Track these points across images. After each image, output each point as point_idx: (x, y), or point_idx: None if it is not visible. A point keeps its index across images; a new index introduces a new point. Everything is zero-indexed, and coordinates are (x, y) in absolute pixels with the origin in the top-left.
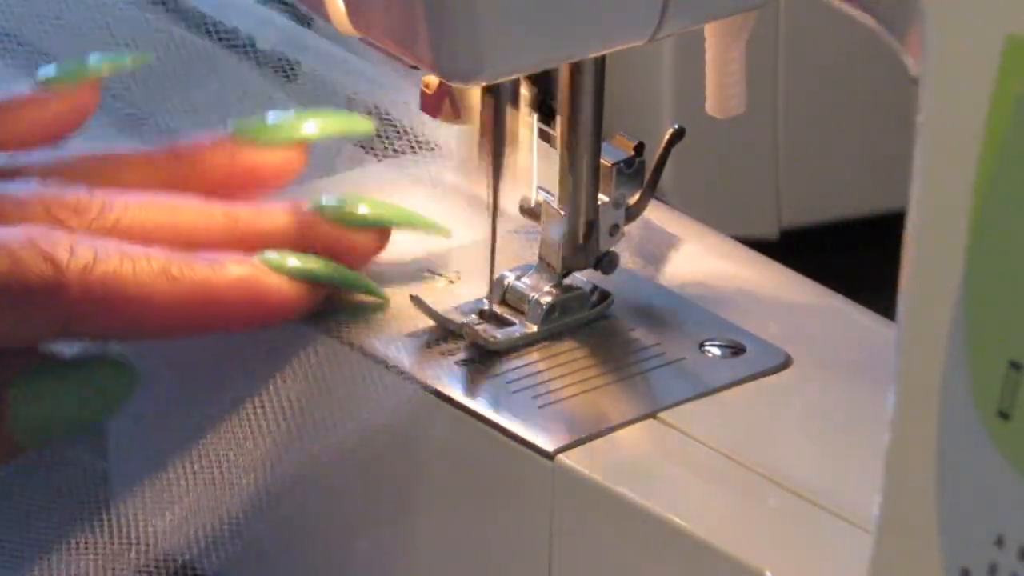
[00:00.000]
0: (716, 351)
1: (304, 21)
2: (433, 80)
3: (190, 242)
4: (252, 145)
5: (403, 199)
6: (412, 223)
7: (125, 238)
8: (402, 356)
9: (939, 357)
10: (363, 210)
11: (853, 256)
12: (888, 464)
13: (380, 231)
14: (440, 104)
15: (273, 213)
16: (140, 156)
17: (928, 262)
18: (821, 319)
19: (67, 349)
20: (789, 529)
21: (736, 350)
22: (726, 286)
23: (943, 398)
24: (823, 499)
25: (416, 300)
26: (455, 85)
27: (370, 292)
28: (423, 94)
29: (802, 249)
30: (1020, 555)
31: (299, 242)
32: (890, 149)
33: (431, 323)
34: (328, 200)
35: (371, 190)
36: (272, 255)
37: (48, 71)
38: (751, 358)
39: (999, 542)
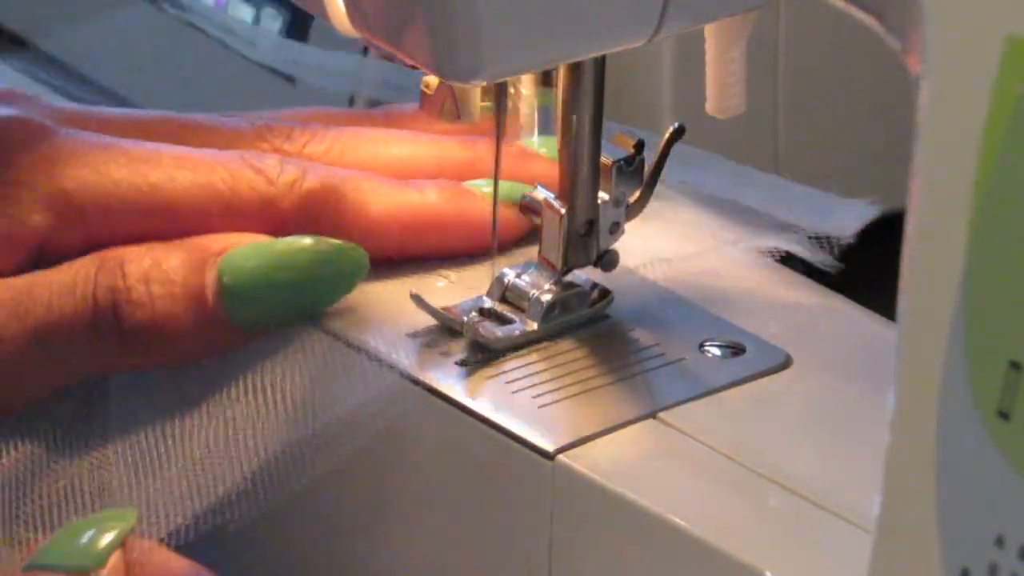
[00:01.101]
0: (716, 351)
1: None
2: (433, 80)
3: (401, 169)
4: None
5: None
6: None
7: (336, 164)
8: (402, 356)
9: (939, 357)
10: None
11: (853, 256)
12: (888, 464)
13: None
14: (440, 104)
15: (483, 143)
16: (356, 115)
17: (928, 262)
18: (821, 319)
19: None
20: (789, 529)
21: (736, 350)
22: (726, 286)
23: (943, 398)
24: (823, 499)
25: (416, 298)
26: (455, 85)
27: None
28: (423, 94)
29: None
30: (1020, 555)
31: (509, 175)
32: (890, 149)
33: (431, 322)
34: (536, 138)
35: None
36: (479, 182)
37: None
38: (751, 358)
39: (999, 542)
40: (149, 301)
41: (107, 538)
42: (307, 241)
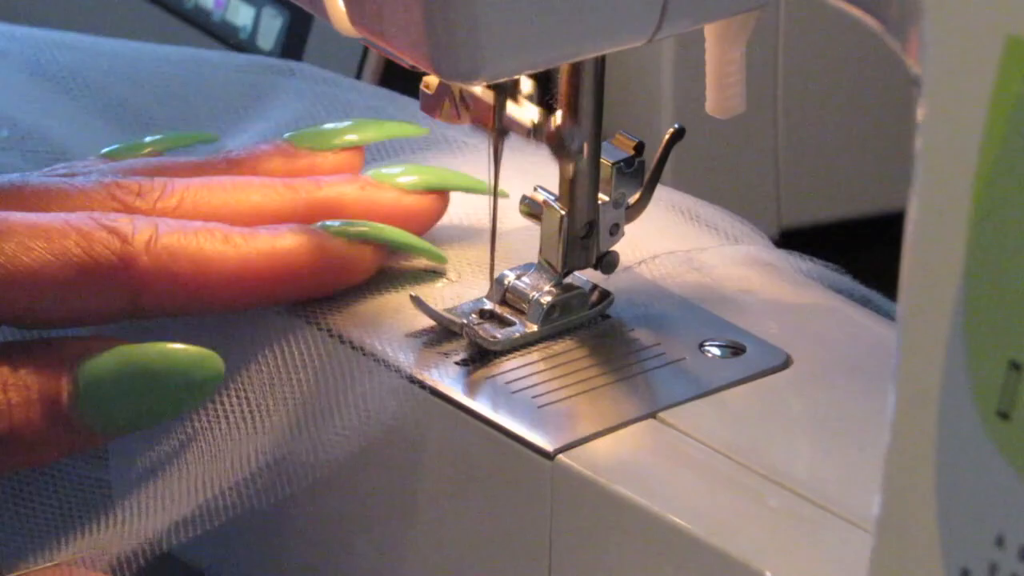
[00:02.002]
0: (716, 351)
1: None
2: (433, 80)
3: (253, 217)
4: (307, 151)
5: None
6: (469, 186)
7: (188, 217)
8: (402, 356)
9: (939, 357)
10: (419, 177)
11: (853, 256)
12: (888, 464)
13: (439, 195)
14: (440, 104)
15: (333, 182)
16: (198, 164)
17: (928, 262)
18: (821, 319)
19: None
20: (789, 529)
21: (736, 350)
22: (726, 286)
23: (943, 398)
24: (823, 499)
25: (416, 300)
26: (455, 85)
27: (429, 255)
28: (423, 94)
29: (802, 249)
30: (1020, 555)
31: (360, 209)
32: (890, 149)
33: (431, 323)
34: (386, 168)
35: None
36: (332, 222)
37: (110, 147)
38: (751, 358)
39: (999, 542)
40: (7, 409)
41: None
42: (164, 347)
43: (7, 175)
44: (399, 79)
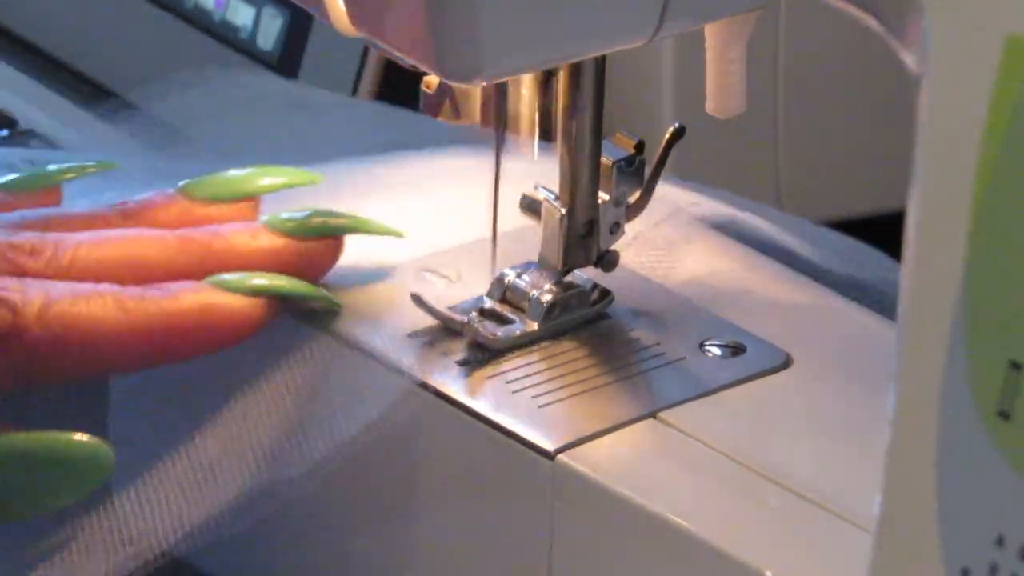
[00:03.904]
0: (716, 351)
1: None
2: (433, 80)
3: (148, 271)
4: (203, 200)
5: (359, 206)
6: (365, 229)
7: (82, 275)
8: (402, 356)
9: (939, 357)
10: (315, 221)
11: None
12: (888, 464)
13: (334, 240)
14: (440, 104)
15: (226, 234)
16: (90, 216)
17: (928, 262)
18: (821, 319)
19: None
20: (789, 529)
21: (736, 350)
22: (726, 286)
23: (943, 398)
24: (823, 499)
25: (416, 298)
26: (455, 85)
27: (323, 301)
28: (423, 94)
29: None
30: (1020, 555)
31: (253, 259)
32: (890, 149)
33: (431, 322)
34: (280, 215)
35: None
36: (224, 276)
37: (8, 178)
38: (751, 358)
39: (999, 542)
40: None
41: None
42: (51, 438)
43: None
44: (399, 79)
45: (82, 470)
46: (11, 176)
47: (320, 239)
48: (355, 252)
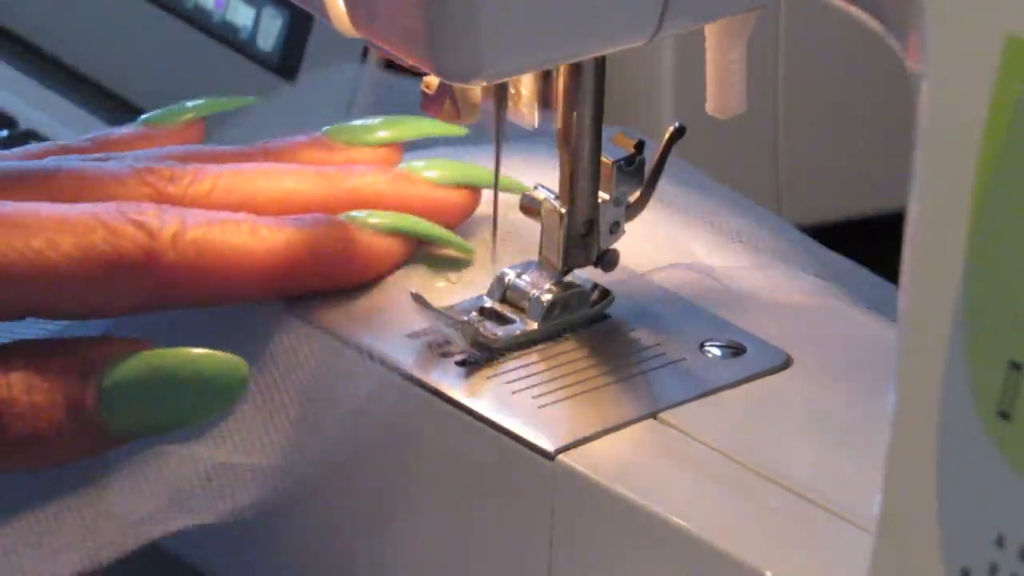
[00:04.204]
0: (716, 351)
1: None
2: (433, 80)
3: (286, 203)
4: (346, 144)
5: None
6: (503, 185)
7: (220, 203)
8: (402, 356)
9: (939, 357)
10: (451, 172)
11: (853, 256)
12: (888, 464)
13: (470, 190)
14: (440, 104)
15: (365, 172)
16: (234, 152)
17: (928, 262)
18: (821, 319)
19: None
20: (789, 529)
21: (736, 350)
22: (726, 286)
23: (943, 398)
24: (823, 499)
25: (417, 298)
26: (455, 85)
27: (456, 246)
28: (424, 94)
29: None
30: (1020, 555)
31: (391, 200)
32: (890, 149)
33: (431, 322)
34: (418, 161)
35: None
36: (359, 212)
37: (150, 113)
38: (751, 358)
39: (999, 542)
40: (32, 411)
41: None
42: (188, 353)
43: (42, 161)
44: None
45: (222, 384)
46: (154, 112)
47: (458, 188)
48: None
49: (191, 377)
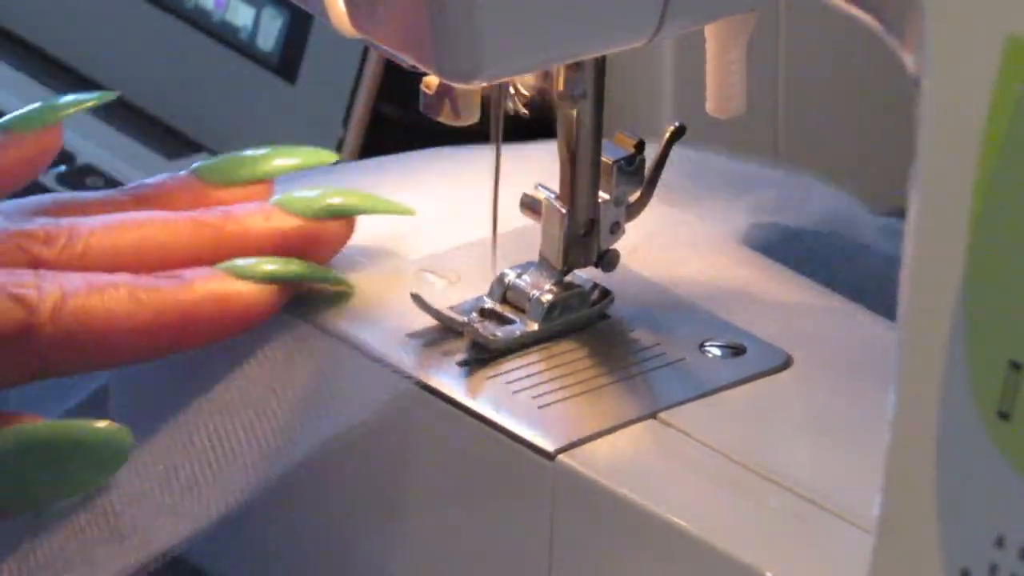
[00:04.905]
0: (716, 351)
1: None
2: (433, 80)
3: (162, 256)
4: (216, 184)
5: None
6: (377, 208)
7: (96, 262)
8: (402, 356)
9: (939, 357)
10: (327, 201)
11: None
12: (888, 464)
13: (346, 220)
14: (440, 104)
15: (239, 215)
16: (103, 200)
17: (928, 262)
18: (821, 319)
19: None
20: (789, 529)
21: (736, 350)
22: (726, 286)
23: (943, 398)
24: (823, 499)
25: (417, 299)
26: (455, 85)
27: (335, 283)
28: (423, 94)
29: None
30: (1020, 555)
31: (265, 242)
32: (890, 149)
33: (431, 322)
34: (291, 194)
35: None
36: (237, 262)
37: (8, 118)
38: (751, 358)
39: (999, 542)
40: None
41: None
42: (67, 425)
43: None
44: (399, 80)
45: (103, 455)
46: (9, 116)
47: (332, 219)
48: (355, 251)
49: (70, 450)
